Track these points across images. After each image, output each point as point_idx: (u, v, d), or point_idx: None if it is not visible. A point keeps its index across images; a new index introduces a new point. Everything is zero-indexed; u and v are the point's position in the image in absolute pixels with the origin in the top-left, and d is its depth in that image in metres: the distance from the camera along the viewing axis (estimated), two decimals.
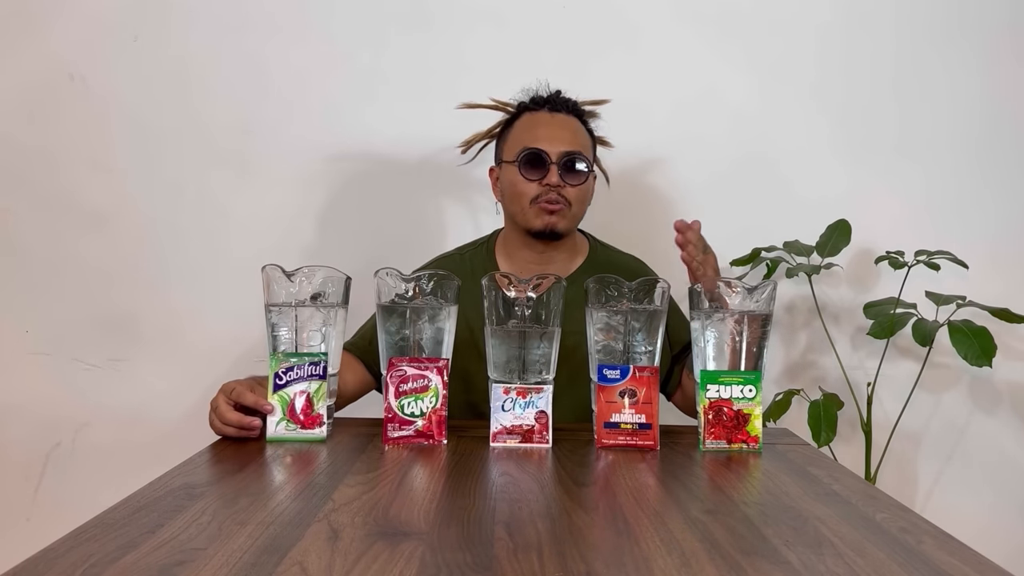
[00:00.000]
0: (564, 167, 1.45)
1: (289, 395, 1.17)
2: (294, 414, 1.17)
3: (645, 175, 1.94)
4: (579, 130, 1.51)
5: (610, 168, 1.63)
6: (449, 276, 1.24)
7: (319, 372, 1.17)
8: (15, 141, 1.92)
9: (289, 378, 1.17)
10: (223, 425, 1.19)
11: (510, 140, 1.51)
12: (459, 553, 0.74)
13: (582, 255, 1.56)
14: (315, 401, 1.17)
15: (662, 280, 1.22)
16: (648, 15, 1.95)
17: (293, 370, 1.17)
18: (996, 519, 1.94)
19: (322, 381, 1.18)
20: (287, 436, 1.17)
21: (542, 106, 1.51)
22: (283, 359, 1.17)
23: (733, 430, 1.17)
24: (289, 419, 1.17)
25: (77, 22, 1.92)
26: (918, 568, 0.73)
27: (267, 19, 1.93)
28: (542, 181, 1.45)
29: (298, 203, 1.93)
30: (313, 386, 1.17)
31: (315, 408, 1.17)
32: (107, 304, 1.93)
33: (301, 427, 1.17)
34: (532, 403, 1.17)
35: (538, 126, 1.49)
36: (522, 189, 1.47)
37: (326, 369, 1.18)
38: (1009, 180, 1.96)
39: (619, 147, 1.64)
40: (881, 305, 1.78)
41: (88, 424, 1.94)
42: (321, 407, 1.17)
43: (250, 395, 1.18)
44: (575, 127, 1.50)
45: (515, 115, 1.54)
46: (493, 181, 1.57)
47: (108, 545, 0.74)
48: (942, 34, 1.95)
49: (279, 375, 1.17)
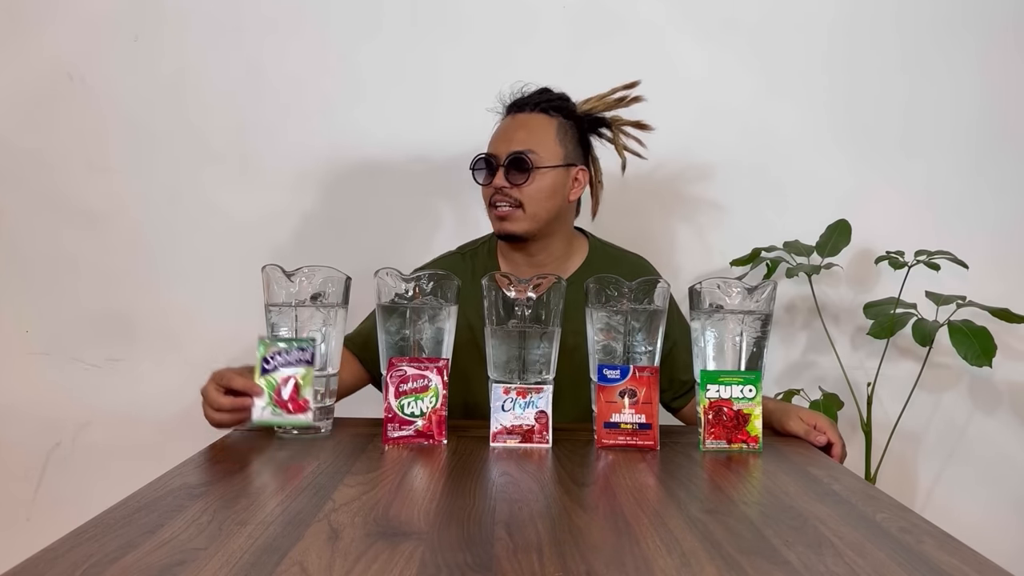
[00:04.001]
0: (508, 167, 1.43)
1: (276, 380, 1.16)
2: (280, 399, 1.16)
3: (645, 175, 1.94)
4: (538, 125, 1.47)
5: (609, 168, 1.61)
6: (449, 276, 1.24)
7: (307, 358, 1.16)
8: (13, 141, 1.92)
9: (277, 363, 1.16)
10: (215, 412, 1.18)
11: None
12: (459, 553, 0.74)
13: (581, 255, 1.55)
14: (302, 387, 1.16)
15: (662, 280, 1.22)
16: (648, 15, 1.95)
17: (281, 355, 1.16)
18: (996, 519, 1.94)
19: (309, 367, 1.16)
20: (273, 420, 1.16)
21: (509, 111, 1.51)
22: (271, 344, 1.16)
23: (733, 430, 1.17)
24: (275, 404, 1.16)
25: (76, 23, 1.92)
26: (918, 568, 0.73)
27: (264, 21, 1.94)
28: (492, 185, 1.45)
29: (297, 203, 1.94)
30: (300, 372, 1.16)
31: (302, 394, 1.16)
32: (106, 304, 1.93)
33: (287, 412, 1.16)
34: (532, 403, 1.17)
35: (495, 132, 1.50)
36: (482, 194, 1.48)
37: (315, 356, 1.17)
38: (1009, 180, 1.96)
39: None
40: (881, 305, 1.78)
41: (88, 424, 1.94)
42: (308, 392, 1.16)
43: (239, 379, 1.17)
44: (533, 124, 1.47)
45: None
46: None
47: (108, 545, 0.74)
48: (942, 34, 1.95)
49: (267, 359, 1.16)
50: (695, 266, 1.93)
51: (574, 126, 1.51)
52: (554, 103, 1.49)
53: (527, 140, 1.45)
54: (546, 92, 1.51)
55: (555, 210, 1.47)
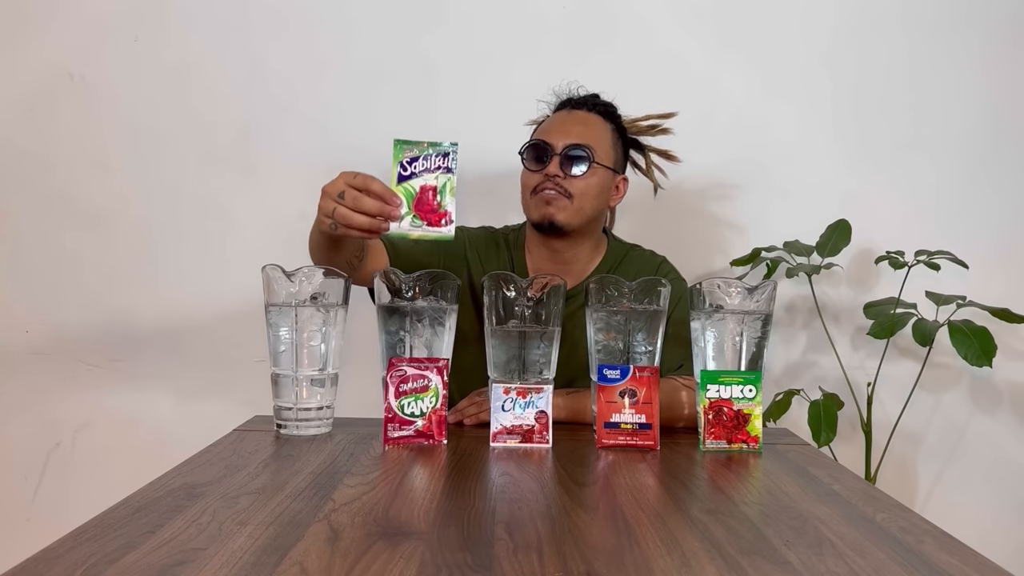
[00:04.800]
0: (565, 158, 1.44)
1: (415, 187, 1.05)
2: (421, 207, 1.04)
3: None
4: (596, 125, 1.49)
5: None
6: (449, 276, 1.24)
7: (447, 165, 1.06)
8: (15, 141, 1.92)
9: (415, 169, 1.05)
10: (352, 213, 1.07)
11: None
12: (459, 553, 0.74)
13: (600, 255, 1.56)
14: (442, 196, 1.06)
15: (663, 280, 1.22)
16: (647, 15, 1.95)
17: (419, 160, 1.05)
18: (996, 519, 1.94)
19: (450, 175, 1.06)
20: (414, 232, 1.07)
21: (564, 106, 1.53)
22: (407, 147, 1.05)
23: (733, 430, 1.17)
24: (416, 213, 1.05)
25: (77, 22, 1.92)
26: (918, 568, 0.73)
27: (266, 19, 1.93)
28: (543, 171, 1.45)
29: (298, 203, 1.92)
30: (441, 180, 1.06)
31: (443, 204, 1.06)
32: (107, 304, 1.93)
33: (428, 224, 1.06)
34: (532, 403, 1.17)
35: (551, 122, 1.51)
36: (526, 180, 1.47)
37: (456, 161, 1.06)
38: (1009, 180, 1.96)
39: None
40: (881, 305, 1.78)
41: (88, 424, 1.94)
42: (450, 204, 1.06)
43: (378, 182, 1.07)
44: (591, 122, 1.49)
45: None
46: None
47: (108, 545, 0.74)
48: (943, 34, 1.95)
49: (403, 165, 1.04)
50: (695, 266, 1.93)
51: (620, 137, 1.54)
52: (610, 110, 1.53)
53: (586, 135, 1.47)
54: (600, 97, 1.54)
55: (597, 211, 1.49)
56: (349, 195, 1.08)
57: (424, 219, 1.06)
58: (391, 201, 1.07)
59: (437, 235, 1.08)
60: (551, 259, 1.52)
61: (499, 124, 1.72)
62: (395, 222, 1.07)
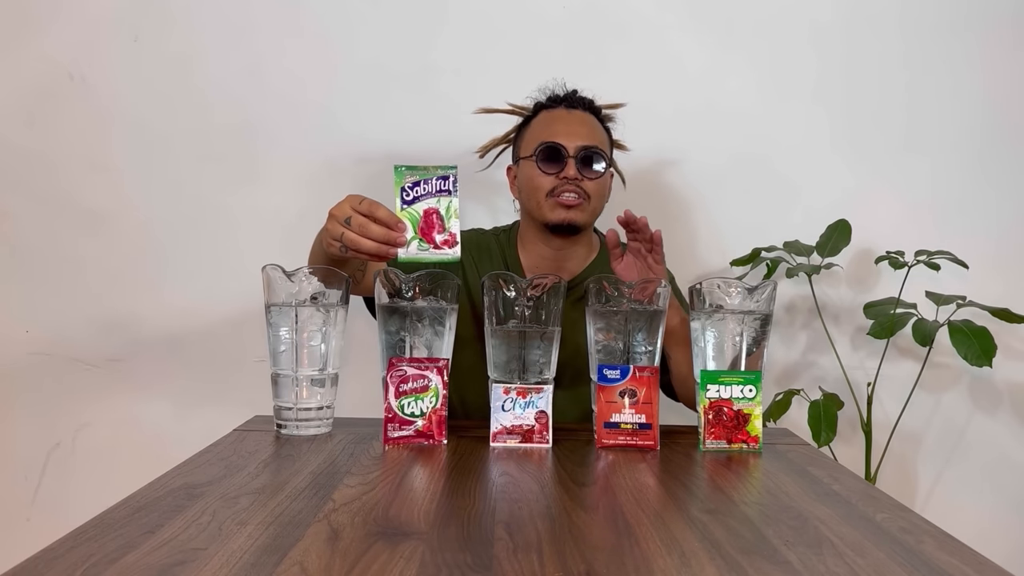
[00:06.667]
0: (582, 161, 1.45)
1: (418, 211, 1.06)
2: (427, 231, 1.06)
3: (646, 175, 1.94)
4: (596, 127, 1.52)
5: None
6: (449, 276, 1.24)
7: (448, 187, 1.08)
8: (15, 141, 1.92)
9: (417, 193, 1.06)
10: (361, 238, 1.08)
11: (527, 137, 1.52)
12: (459, 553, 0.74)
13: (595, 252, 1.57)
14: (446, 219, 1.08)
15: (663, 281, 1.22)
16: (648, 15, 1.95)
17: (420, 185, 1.06)
18: (996, 519, 1.94)
19: (452, 197, 1.07)
20: (421, 256, 1.08)
21: (559, 104, 1.53)
22: (408, 172, 1.06)
23: (733, 430, 1.17)
24: (422, 238, 1.06)
25: (77, 22, 1.92)
26: (918, 568, 0.73)
27: (266, 20, 1.93)
28: (559, 175, 1.45)
29: (298, 203, 1.93)
30: (443, 203, 1.07)
31: (448, 227, 1.08)
32: (107, 304, 1.93)
33: (434, 247, 1.08)
34: (532, 403, 1.17)
35: (556, 122, 1.50)
36: (539, 183, 1.47)
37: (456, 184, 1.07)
38: (1009, 180, 1.96)
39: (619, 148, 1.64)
40: (881, 305, 1.78)
41: (88, 424, 1.94)
42: (453, 225, 1.08)
43: (384, 208, 1.07)
44: (592, 123, 1.51)
45: (532, 115, 1.55)
46: (511, 180, 1.58)
47: (108, 545, 0.74)
48: (942, 34, 1.95)
49: (406, 190, 1.05)
50: (695, 266, 1.93)
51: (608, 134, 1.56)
52: (598, 111, 1.54)
53: (594, 136, 1.49)
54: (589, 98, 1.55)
55: (602, 210, 1.53)
56: (355, 221, 1.10)
57: (429, 242, 1.08)
58: (396, 228, 1.08)
59: (445, 259, 1.11)
60: (550, 257, 1.53)
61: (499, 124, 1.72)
62: (401, 248, 1.09)
